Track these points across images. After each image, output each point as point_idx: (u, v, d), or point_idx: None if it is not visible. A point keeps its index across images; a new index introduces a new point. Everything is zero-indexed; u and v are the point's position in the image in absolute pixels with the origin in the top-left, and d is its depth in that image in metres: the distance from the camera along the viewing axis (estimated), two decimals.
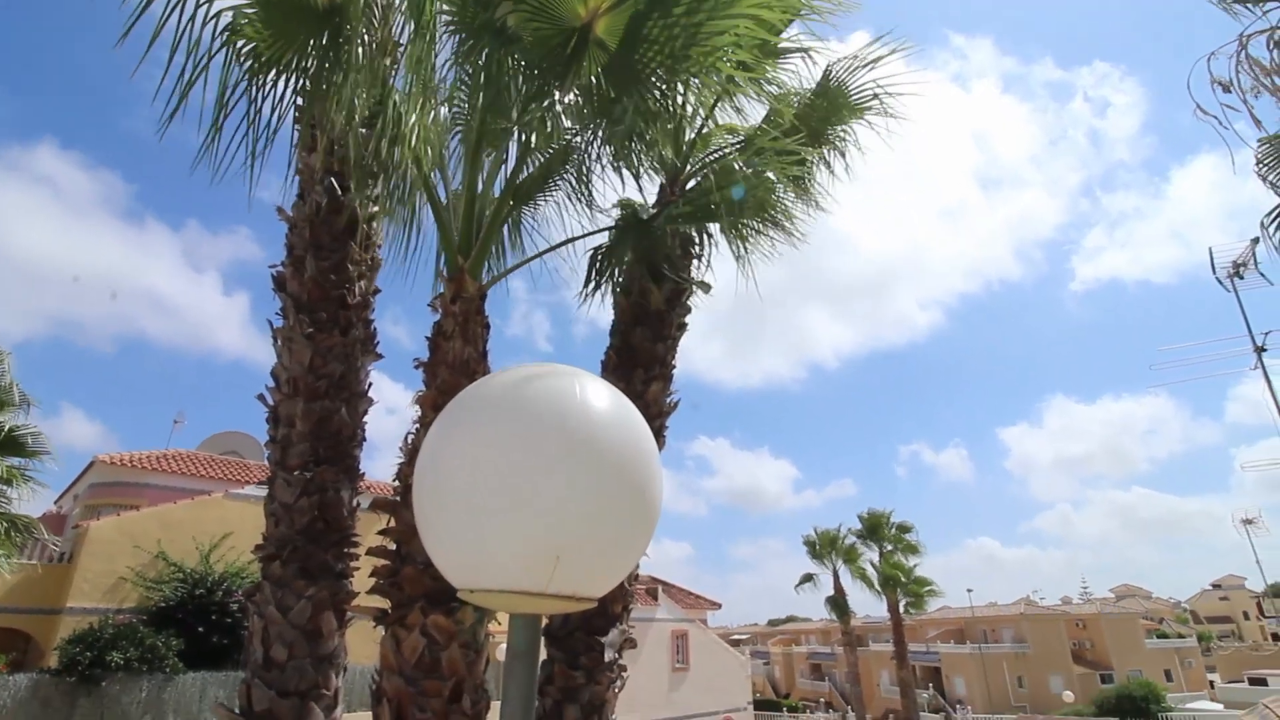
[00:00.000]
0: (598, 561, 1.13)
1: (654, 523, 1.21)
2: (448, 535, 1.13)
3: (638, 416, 1.21)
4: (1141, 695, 36.70)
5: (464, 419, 1.17)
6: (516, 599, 1.10)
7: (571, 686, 3.28)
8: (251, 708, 2.97)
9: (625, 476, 1.14)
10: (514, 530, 1.07)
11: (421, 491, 1.19)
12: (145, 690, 12.95)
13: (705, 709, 24.07)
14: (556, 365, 1.21)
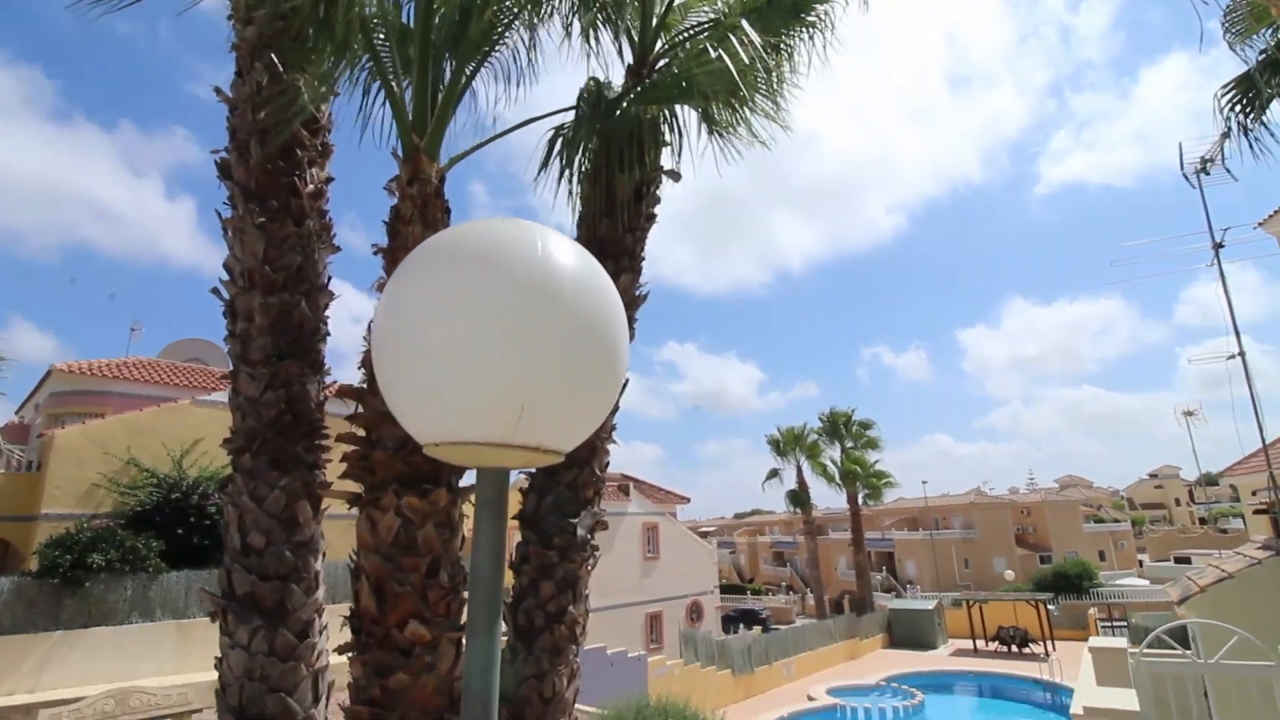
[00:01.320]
0: (563, 413, 1.12)
1: (620, 378, 1.21)
2: (410, 390, 1.11)
3: (602, 272, 1.18)
4: (1076, 573, 39.89)
5: (422, 271, 1.12)
6: (482, 451, 1.10)
7: (546, 565, 3.42)
8: (233, 591, 3.05)
9: (590, 328, 1.12)
10: (476, 381, 1.06)
11: (382, 347, 1.16)
12: (130, 589, 13.25)
13: (675, 593, 25.63)
14: (517, 219, 1.17)
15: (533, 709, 3.23)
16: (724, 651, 20.25)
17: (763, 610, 38.36)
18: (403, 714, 2.28)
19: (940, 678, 23.03)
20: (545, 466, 3.66)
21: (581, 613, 3.44)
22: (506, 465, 1.15)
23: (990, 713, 20.73)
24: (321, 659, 3.14)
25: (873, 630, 28.22)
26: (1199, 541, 41.83)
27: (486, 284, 1.07)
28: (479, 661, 1.03)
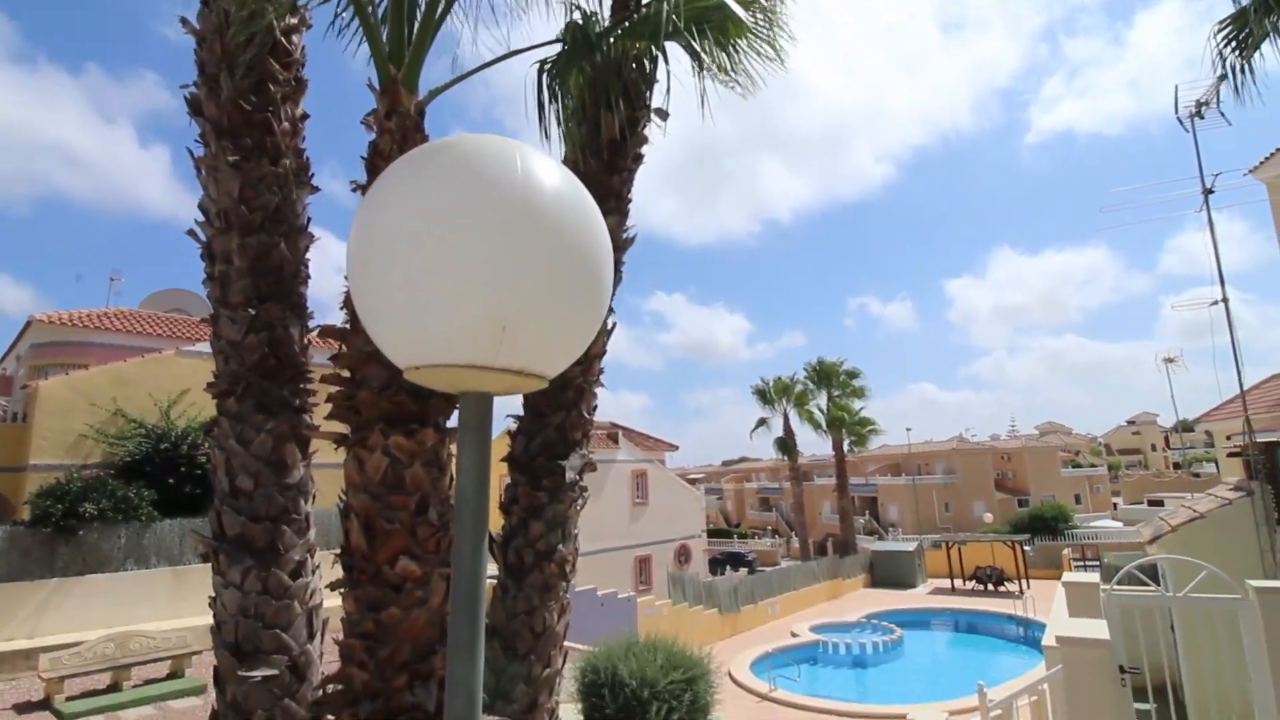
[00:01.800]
0: (546, 335, 1.10)
1: (605, 302, 1.18)
2: (388, 312, 1.08)
3: (586, 193, 1.15)
4: (1052, 515, 41.13)
5: (398, 187, 1.07)
6: (463, 374, 1.08)
7: (535, 505, 3.46)
8: (224, 532, 3.07)
9: (574, 248, 1.08)
10: (456, 301, 1.03)
11: (358, 269, 1.12)
12: (124, 537, 13.36)
13: (664, 537, 26.22)
14: (495, 135, 1.12)
15: (524, 642, 3.32)
16: (711, 592, 20.84)
17: (749, 553, 39.38)
18: (395, 646, 2.33)
19: (918, 615, 23.90)
20: (533, 409, 3.67)
21: (571, 551, 3.50)
22: (489, 390, 1.14)
23: (965, 647, 21.60)
24: (315, 597, 3.19)
25: (855, 571, 29.09)
26: (1172, 485, 43.11)
27: (465, 198, 1.03)
28: (465, 583, 1.04)
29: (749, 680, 15.47)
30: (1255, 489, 10.55)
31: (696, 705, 9.39)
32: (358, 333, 2.45)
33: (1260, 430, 11.76)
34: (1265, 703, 5.61)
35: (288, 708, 2.93)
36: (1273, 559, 9.64)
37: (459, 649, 1.03)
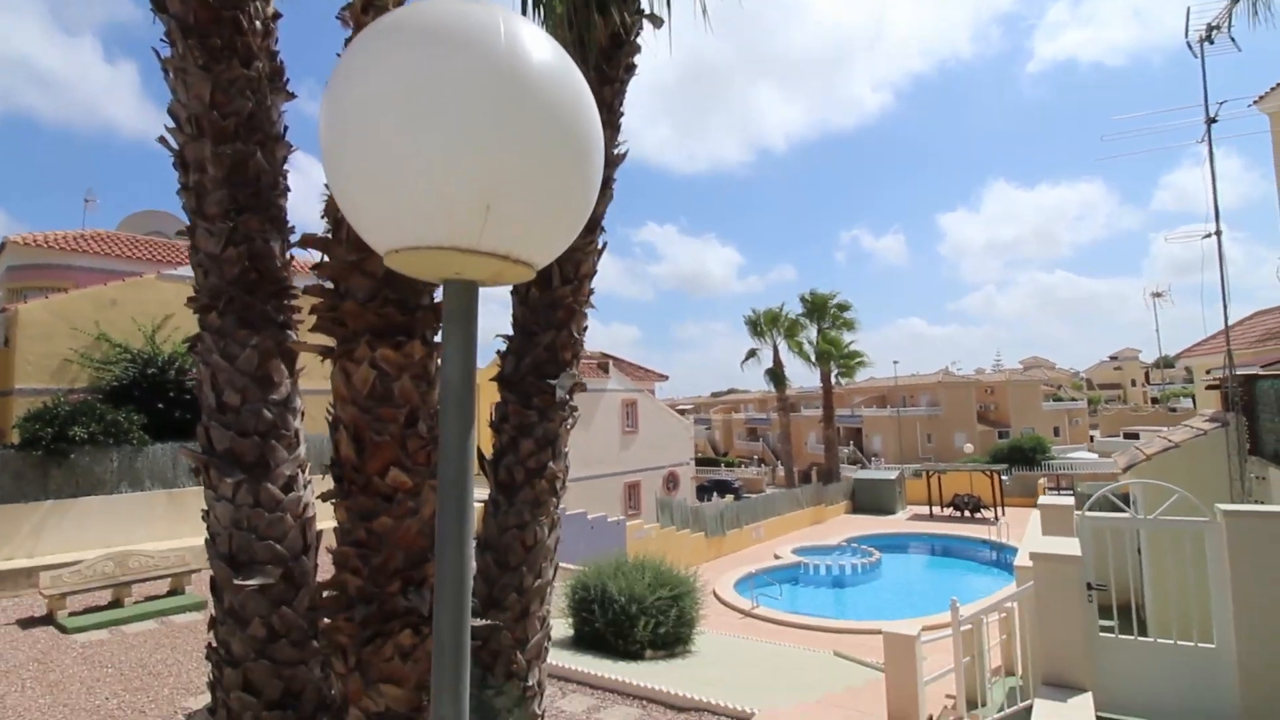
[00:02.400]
0: (532, 216, 1.04)
1: (594, 186, 1.12)
2: (364, 190, 1.02)
3: (575, 68, 1.07)
4: (1030, 447, 42.23)
5: (372, 53, 0.98)
6: (445, 258, 1.03)
7: (526, 423, 3.47)
8: (213, 447, 3.06)
9: (562, 124, 1.01)
10: (436, 176, 0.96)
11: (331, 146, 1.05)
12: (116, 460, 13.46)
13: (653, 464, 26.75)
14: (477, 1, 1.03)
15: (516, 555, 3.39)
16: (698, 516, 21.45)
17: (735, 481, 40.35)
18: (388, 554, 2.37)
19: (897, 539, 24.80)
20: (523, 329, 3.63)
21: (561, 469, 3.53)
22: (473, 278, 1.09)
23: (940, 569, 22.53)
24: (307, 511, 3.22)
25: (837, 498, 29.96)
26: (1149, 419, 44.10)
27: (446, 65, 0.95)
28: (452, 474, 1.03)
29: (733, 599, 16.12)
30: (1230, 420, 10.81)
31: (682, 620, 9.82)
32: (340, 242, 2.38)
33: (1240, 365, 11.95)
34: (1224, 620, 5.90)
35: (285, 615, 3.00)
36: (1241, 487, 9.97)
37: (447, 539, 1.02)
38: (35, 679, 7.57)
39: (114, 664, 8.05)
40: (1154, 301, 32.90)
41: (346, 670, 2.36)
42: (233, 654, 2.94)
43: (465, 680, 1.10)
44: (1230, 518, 5.68)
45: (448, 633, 1.03)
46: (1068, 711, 3.54)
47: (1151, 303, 22.93)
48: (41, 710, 6.79)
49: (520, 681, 3.32)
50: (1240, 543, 5.64)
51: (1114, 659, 6.11)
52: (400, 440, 2.38)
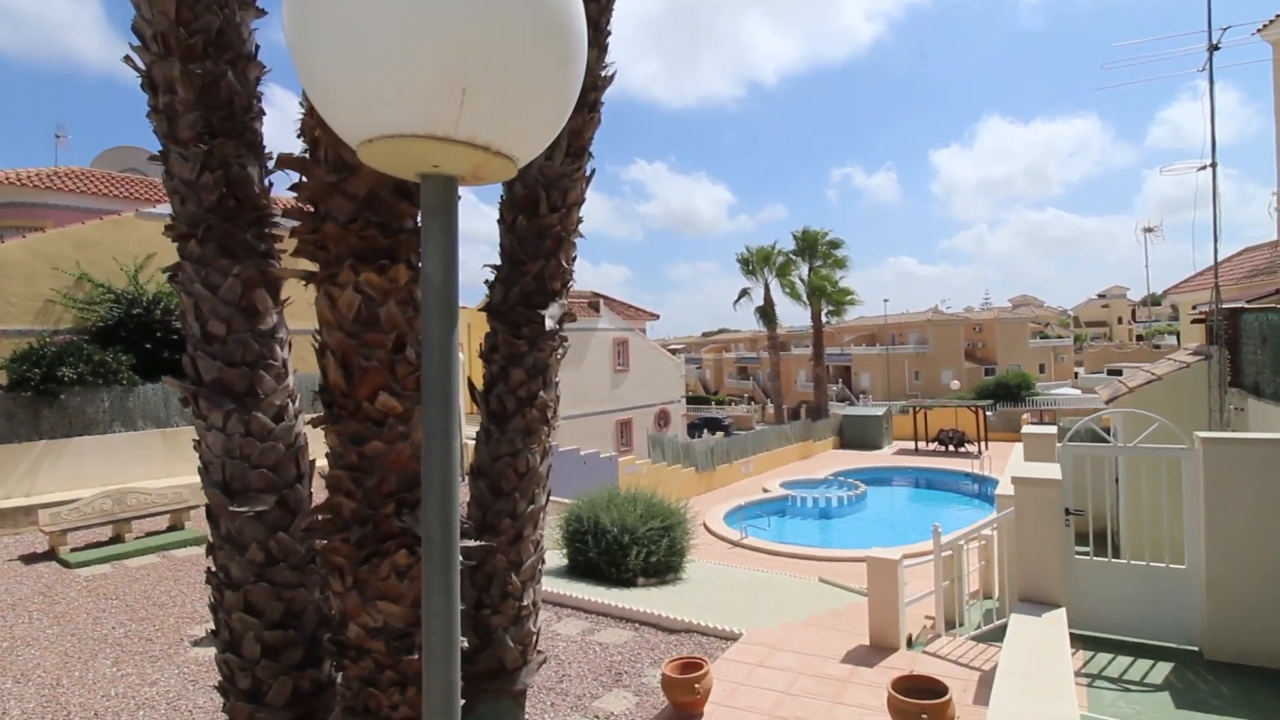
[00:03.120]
0: (512, 102, 0.99)
1: (578, 76, 1.07)
2: (333, 75, 0.96)
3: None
4: (1016, 383, 42.86)
5: None
6: (421, 148, 0.99)
7: (516, 353, 3.47)
8: (200, 377, 3.04)
9: (544, 4, 0.96)
10: (406, 55, 0.91)
11: (297, 27, 0.99)
12: (108, 400, 13.44)
13: (644, 402, 27.01)
14: None
15: (509, 482, 3.44)
16: (688, 452, 21.81)
17: (725, 418, 40.87)
18: (381, 476, 2.39)
19: (882, 472, 25.39)
20: (511, 258, 3.58)
21: (552, 398, 3.55)
22: (452, 171, 1.06)
23: (924, 501, 23.16)
24: (299, 440, 3.23)
25: (825, 434, 30.47)
26: (1133, 356, 44.62)
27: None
28: (437, 376, 1.02)
29: (722, 530, 16.58)
30: (1213, 353, 10.96)
31: (673, 549, 10.11)
32: (318, 162, 2.31)
33: (1227, 301, 12.03)
34: (1195, 543, 6.13)
35: (282, 540, 3.05)
36: (1220, 417, 10.19)
37: (434, 434, 1.02)
38: (42, 611, 7.75)
39: (118, 596, 8.24)
40: (1145, 237, 32.78)
41: (344, 589, 2.42)
42: (232, 578, 3.00)
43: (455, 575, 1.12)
44: (1208, 444, 5.83)
45: (436, 526, 1.05)
46: (1042, 625, 3.71)
47: (1143, 238, 22.86)
48: (50, 640, 6.98)
49: (515, 601, 3.42)
50: (1216, 469, 5.80)
51: (1087, 580, 6.37)
52: (389, 366, 2.37)
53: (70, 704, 5.72)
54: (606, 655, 6.65)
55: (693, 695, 5.26)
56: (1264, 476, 5.66)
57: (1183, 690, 5.46)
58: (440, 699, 1.09)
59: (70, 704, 5.72)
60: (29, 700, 5.78)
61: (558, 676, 6.23)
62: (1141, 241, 23.04)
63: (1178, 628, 6.15)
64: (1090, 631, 6.30)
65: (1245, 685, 5.46)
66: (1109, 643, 6.23)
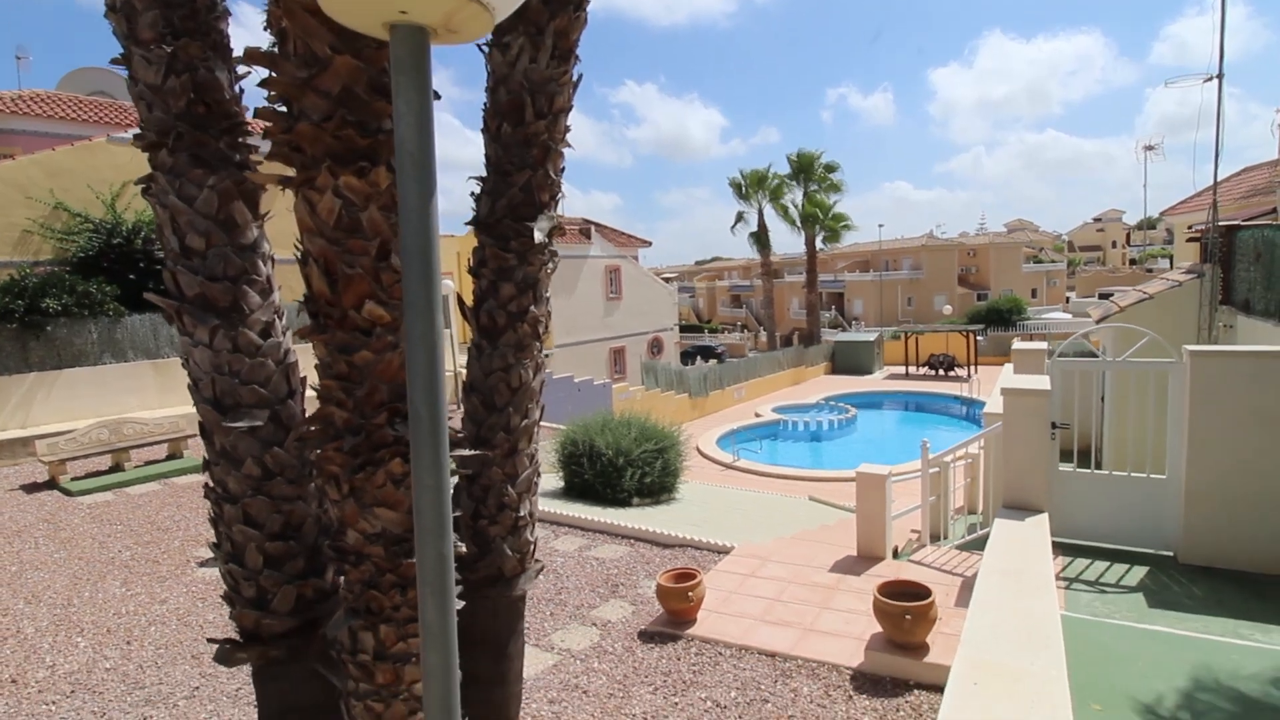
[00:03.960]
0: None
1: None
2: None
3: None
4: (1007, 308, 42.99)
5: None
6: None
7: (505, 267, 3.40)
8: (182, 292, 2.97)
9: None
10: None
11: None
12: (95, 332, 13.32)
13: (637, 330, 26.99)
14: None
15: (501, 396, 3.44)
16: (682, 379, 21.98)
17: (718, 346, 41.02)
18: (372, 386, 2.37)
19: (872, 397, 25.74)
20: (496, 168, 3.46)
21: (543, 313, 3.51)
22: (421, 20, 0.97)
23: (913, 424, 23.57)
24: (289, 357, 3.20)
25: (817, 360, 30.70)
26: (1125, 280, 44.58)
27: None
28: (416, 244, 0.98)
29: (715, 453, 16.89)
30: (1206, 271, 10.94)
31: (667, 471, 10.31)
32: (287, 56, 2.17)
33: (1224, 219, 11.92)
34: (1176, 454, 6.28)
35: (277, 455, 3.06)
36: (1209, 335, 10.27)
37: (416, 309, 0.99)
38: (47, 536, 7.89)
39: (122, 522, 8.39)
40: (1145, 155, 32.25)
41: (340, 497, 2.44)
42: (229, 492, 3.03)
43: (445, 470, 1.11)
44: (1196, 357, 5.88)
45: (422, 403, 1.03)
46: (1025, 528, 3.83)
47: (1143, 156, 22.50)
48: (58, 563, 7.14)
49: (512, 512, 3.48)
50: (1202, 381, 5.88)
51: (1069, 490, 6.55)
52: (373, 274, 2.31)
53: (83, 622, 5.90)
54: (603, 569, 6.87)
55: (686, 603, 5.46)
56: (1249, 388, 5.75)
57: (1156, 591, 5.71)
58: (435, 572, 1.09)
59: (83, 622, 5.90)
60: (42, 619, 5.95)
61: (557, 589, 6.44)
62: (1141, 160, 22.68)
63: (1155, 535, 6.37)
64: (1070, 539, 6.53)
65: (1216, 586, 5.71)
66: (1088, 549, 6.47)
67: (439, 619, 1.13)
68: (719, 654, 5.10)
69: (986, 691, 2.10)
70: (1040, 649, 2.24)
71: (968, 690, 2.06)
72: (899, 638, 4.75)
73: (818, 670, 4.80)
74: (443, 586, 1.11)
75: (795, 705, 4.43)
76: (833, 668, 4.81)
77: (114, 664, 5.24)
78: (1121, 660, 4.63)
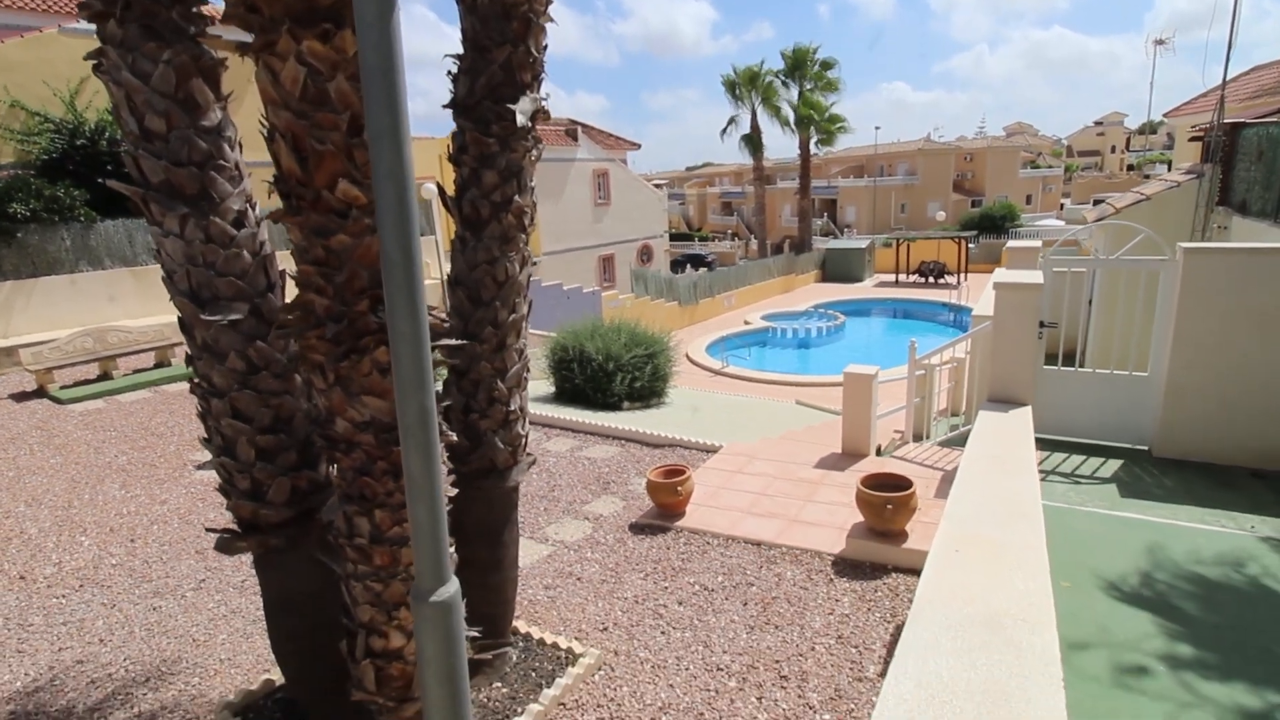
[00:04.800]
0: None
1: None
2: None
3: None
4: (1001, 214, 42.50)
5: None
6: None
7: (487, 153, 3.25)
8: (147, 179, 2.83)
9: None
10: None
11: None
12: (68, 239, 12.93)
13: (626, 237, 26.56)
14: None
15: (488, 290, 3.38)
16: (671, 286, 21.84)
17: (709, 254, 40.57)
18: (352, 271, 2.30)
19: (862, 304, 25.78)
20: (474, 44, 3.24)
21: (528, 203, 3.39)
22: None
23: (901, 331, 23.74)
24: (265, 248, 3.09)
25: (808, 268, 30.51)
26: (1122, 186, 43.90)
27: None
28: (375, 47, 0.89)
29: (704, 360, 17.03)
30: (1206, 171, 10.74)
31: (657, 375, 10.39)
32: None
33: (1230, 118, 11.58)
34: (1160, 351, 6.35)
35: (261, 349, 3.02)
36: (1203, 236, 10.21)
37: (380, 134, 0.92)
38: (41, 443, 7.94)
39: (115, 428, 8.43)
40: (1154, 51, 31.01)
41: (327, 386, 2.42)
42: (215, 385, 2.99)
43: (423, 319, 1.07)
44: (1189, 254, 5.85)
45: (395, 248, 0.97)
46: (1008, 420, 3.91)
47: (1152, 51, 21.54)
48: (55, 468, 7.21)
49: (503, 406, 3.49)
50: (1194, 278, 5.87)
51: (1051, 388, 6.67)
52: (346, 150, 2.18)
53: (85, 522, 6.02)
54: (594, 468, 7.03)
55: (675, 497, 5.62)
56: (1240, 285, 5.75)
57: (1129, 482, 5.93)
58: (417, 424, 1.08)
59: (85, 522, 6.02)
60: (44, 521, 6.06)
61: (550, 486, 6.61)
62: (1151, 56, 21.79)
63: (1132, 430, 6.55)
64: (1049, 435, 6.70)
65: (1187, 478, 5.93)
66: (1066, 444, 6.66)
67: (424, 471, 1.12)
68: (706, 543, 5.30)
69: (967, 558, 2.18)
70: (1020, 522, 2.31)
71: (949, 557, 2.13)
72: (880, 526, 4.94)
73: (801, 557, 5.01)
74: (426, 440, 1.09)
75: (779, 588, 4.64)
76: (815, 554, 5.01)
77: (119, 560, 5.39)
78: (1090, 543, 4.85)
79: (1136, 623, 3.92)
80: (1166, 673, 3.52)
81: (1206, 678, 3.48)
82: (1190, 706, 3.25)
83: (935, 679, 1.64)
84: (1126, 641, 3.75)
